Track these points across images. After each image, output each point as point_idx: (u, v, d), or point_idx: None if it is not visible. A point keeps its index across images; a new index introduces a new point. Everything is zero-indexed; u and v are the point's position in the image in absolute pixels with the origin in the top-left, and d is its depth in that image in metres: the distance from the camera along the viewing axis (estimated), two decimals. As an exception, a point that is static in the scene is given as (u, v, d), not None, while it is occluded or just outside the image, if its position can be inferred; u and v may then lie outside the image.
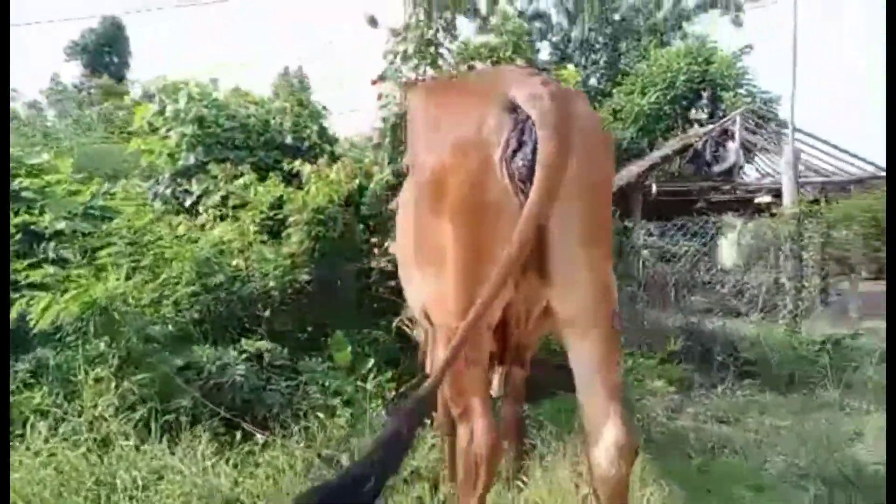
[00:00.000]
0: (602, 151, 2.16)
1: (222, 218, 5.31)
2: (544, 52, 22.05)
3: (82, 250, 4.27)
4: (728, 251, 16.44)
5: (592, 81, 20.87)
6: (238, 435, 3.34)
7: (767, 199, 12.61)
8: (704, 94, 14.39)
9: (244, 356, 3.93)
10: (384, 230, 5.86)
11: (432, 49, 5.97)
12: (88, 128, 10.78)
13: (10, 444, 3.12)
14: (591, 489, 2.29)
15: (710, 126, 12.30)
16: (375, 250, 5.87)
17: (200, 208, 6.01)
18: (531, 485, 3.26)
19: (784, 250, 7.56)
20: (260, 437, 3.30)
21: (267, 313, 4.77)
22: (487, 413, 2.22)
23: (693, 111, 14.45)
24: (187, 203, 6.16)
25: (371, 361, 4.36)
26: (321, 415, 3.67)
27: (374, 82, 6.36)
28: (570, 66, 9.75)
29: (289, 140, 6.78)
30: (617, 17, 21.93)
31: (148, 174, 6.91)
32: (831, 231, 7.30)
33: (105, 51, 34.96)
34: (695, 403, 5.49)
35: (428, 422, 3.87)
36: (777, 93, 15.98)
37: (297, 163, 5.52)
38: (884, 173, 9.86)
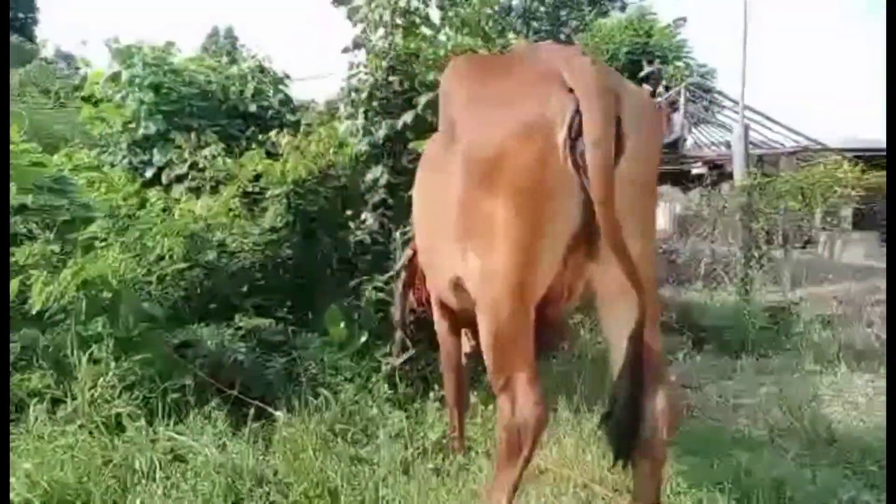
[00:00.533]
0: (655, 133, 2.22)
1: (192, 190, 5.12)
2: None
3: (47, 225, 4.04)
4: (659, 220, 17.14)
5: (534, 52, 20.98)
6: (250, 413, 3.28)
7: (703, 170, 13.17)
8: (648, 67, 14.74)
9: (240, 333, 3.85)
10: (360, 202, 5.82)
11: (405, 17, 5.88)
12: (18, 94, 10.01)
13: (13, 429, 2.98)
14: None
15: (658, 100, 12.68)
16: (351, 224, 5.84)
17: (164, 179, 5.78)
18: (539, 454, 3.36)
19: (732, 222, 7.94)
20: (281, 415, 3.26)
21: (246, 289, 4.67)
22: (534, 385, 2.26)
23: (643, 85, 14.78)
24: (148, 174, 5.90)
25: (365, 335, 4.35)
26: (325, 391, 3.65)
27: (345, 50, 6.23)
28: (510, 35, 9.76)
29: (253, 108, 6.56)
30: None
31: (100, 144, 6.54)
32: (779, 202, 7.76)
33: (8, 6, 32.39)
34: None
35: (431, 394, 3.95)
36: (712, 65, 16.62)
37: (273, 133, 5.35)
38: (817, 146, 10.48)
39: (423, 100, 5.42)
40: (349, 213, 5.81)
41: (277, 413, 3.29)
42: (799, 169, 10.15)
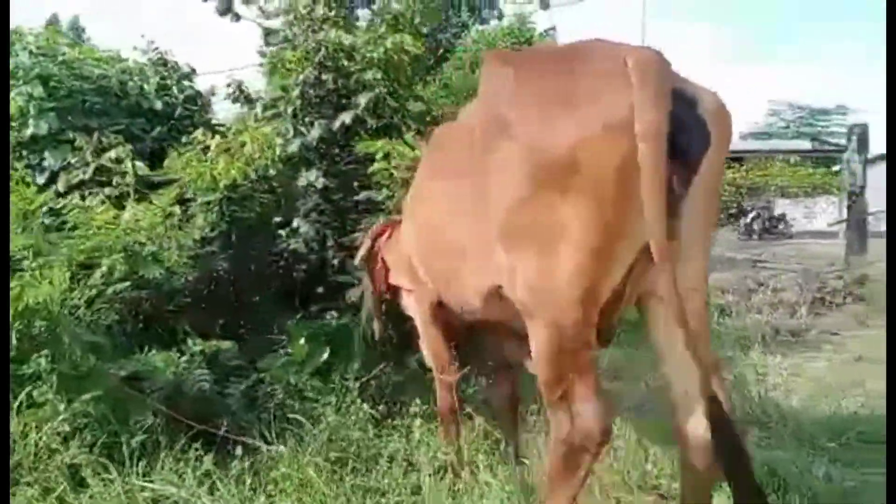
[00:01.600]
0: (729, 138, 2.19)
1: (109, 198, 4.48)
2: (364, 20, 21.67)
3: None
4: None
5: (415, 54, 20.96)
6: (237, 450, 2.90)
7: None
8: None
9: (197, 359, 3.41)
10: (292, 209, 5.46)
11: (336, 11, 5.59)
12: None
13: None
14: (680, 459, 2.36)
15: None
16: (281, 232, 5.46)
17: (60, 185, 5.05)
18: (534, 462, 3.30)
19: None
20: (284, 450, 2.90)
21: (180, 308, 4.18)
22: (598, 395, 2.17)
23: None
24: (40, 180, 5.11)
25: (327, 352, 4.03)
26: (300, 417, 3.32)
27: (268, 44, 5.82)
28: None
29: (158, 105, 5.90)
30: (434, -10, 22.19)
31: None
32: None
33: None
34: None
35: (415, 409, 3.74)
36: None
37: (199, 133, 4.83)
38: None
39: (362, 100, 5.17)
40: (277, 220, 5.44)
41: (280, 448, 2.92)
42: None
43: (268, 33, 7.11)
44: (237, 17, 10.39)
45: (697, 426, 2.24)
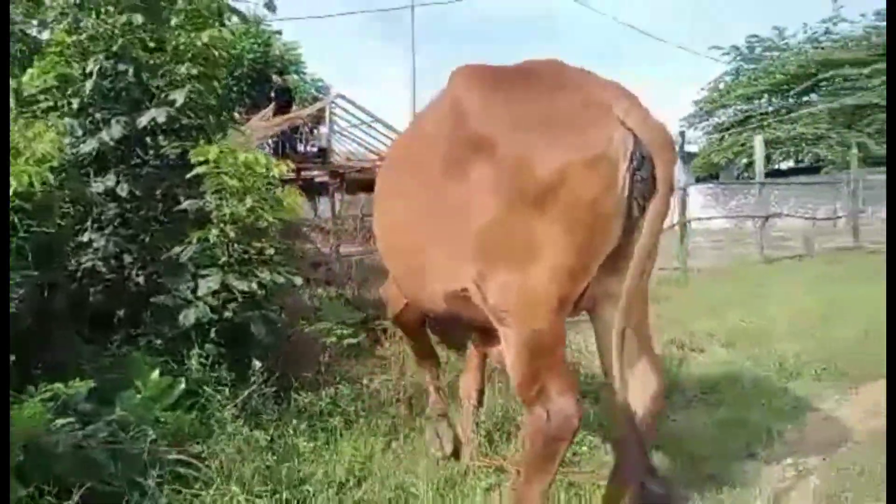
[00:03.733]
0: (672, 154, 2.47)
1: None
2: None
3: None
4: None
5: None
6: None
7: (326, 178, 14.03)
8: (277, 79, 14.83)
9: (52, 407, 2.75)
10: (82, 219, 4.64)
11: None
12: None
13: None
14: (615, 435, 2.68)
15: (309, 109, 12.93)
16: (66, 247, 4.59)
17: None
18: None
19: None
20: None
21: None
22: (573, 390, 2.33)
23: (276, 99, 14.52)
24: None
25: (183, 383, 3.53)
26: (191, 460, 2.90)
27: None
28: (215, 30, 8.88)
29: None
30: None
31: None
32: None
33: None
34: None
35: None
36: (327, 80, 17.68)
37: (-27, 128, 3.76)
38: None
39: (179, 96, 4.61)
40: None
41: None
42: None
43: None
44: None
45: (637, 401, 2.46)
